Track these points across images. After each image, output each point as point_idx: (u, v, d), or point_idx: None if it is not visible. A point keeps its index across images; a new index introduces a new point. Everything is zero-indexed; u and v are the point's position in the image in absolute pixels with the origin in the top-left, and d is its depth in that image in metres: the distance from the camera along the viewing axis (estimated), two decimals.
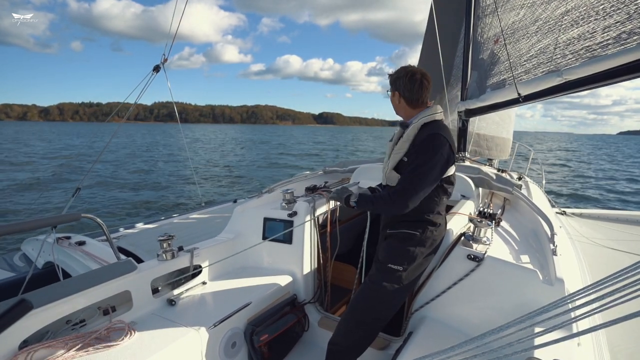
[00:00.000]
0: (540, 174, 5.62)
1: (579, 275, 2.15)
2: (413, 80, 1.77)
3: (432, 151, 1.65)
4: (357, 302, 1.80)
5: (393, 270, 1.75)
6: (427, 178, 1.64)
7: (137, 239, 2.99)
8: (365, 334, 1.79)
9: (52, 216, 1.99)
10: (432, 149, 1.66)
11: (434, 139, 1.67)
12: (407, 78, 1.78)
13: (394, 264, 1.76)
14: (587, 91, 2.53)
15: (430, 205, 1.78)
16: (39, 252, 2.40)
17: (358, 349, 1.81)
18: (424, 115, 1.76)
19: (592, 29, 2.31)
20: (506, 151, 5.76)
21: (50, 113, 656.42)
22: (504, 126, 5.66)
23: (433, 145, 1.66)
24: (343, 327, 1.81)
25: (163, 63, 3.24)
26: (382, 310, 1.77)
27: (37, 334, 1.50)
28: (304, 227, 2.28)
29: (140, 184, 14.12)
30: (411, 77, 1.77)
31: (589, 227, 3.64)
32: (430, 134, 1.69)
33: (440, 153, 1.66)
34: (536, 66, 2.92)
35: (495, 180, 3.01)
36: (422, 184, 1.64)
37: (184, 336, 1.66)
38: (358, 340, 1.79)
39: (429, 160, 1.64)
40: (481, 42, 3.97)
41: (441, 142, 1.67)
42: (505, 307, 1.69)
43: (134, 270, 1.83)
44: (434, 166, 1.65)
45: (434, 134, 1.69)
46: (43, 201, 10.52)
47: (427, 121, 1.75)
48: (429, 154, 1.65)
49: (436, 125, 1.74)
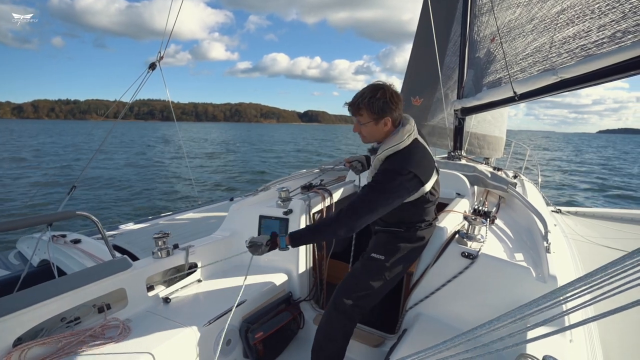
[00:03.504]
0: (536, 172, 5.64)
1: (572, 272, 2.16)
2: (398, 97, 1.65)
3: (386, 182, 1.60)
4: (338, 290, 1.82)
5: (374, 259, 1.79)
6: (371, 209, 1.59)
7: (132, 236, 2.99)
8: (344, 322, 1.79)
9: (47, 214, 1.99)
10: (387, 180, 1.60)
11: (391, 172, 1.61)
12: (393, 98, 1.63)
13: (376, 253, 1.79)
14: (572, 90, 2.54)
15: (412, 215, 1.80)
16: (34, 250, 2.40)
17: (339, 338, 1.80)
18: (389, 146, 1.65)
19: (587, 27, 2.32)
20: (498, 150, 5.77)
21: (24, 110, 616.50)
22: (496, 125, 5.69)
23: (389, 177, 1.60)
24: (325, 316, 1.83)
25: (159, 60, 3.23)
26: (360, 298, 1.77)
27: (31, 331, 1.49)
28: (300, 225, 2.28)
29: (135, 182, 14.06)
30: (396, 94, 1.65)
31: (584, 225, 3.67)
32: (386, 170, 1.63)
33: (393, 185, 1.59)
34: (532, 65, 2.93)
35: (491, 178, 3.02)
36: (365, 213, 1.58)
37: (179, 334, 1.66)
38: (337, 328, 1.79)
39: (382, 191, 1.59)
40: (477, 40, 3.98)
41: (395, 174, 1.59)
42: (498, 304, 1.70)
43: (129, 267, 1.83)
44: (384, 195, 1.59)
45: (390, 169, 1.61)
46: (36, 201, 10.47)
47: (389, 154, 1.66)
48: (380, 185, 1.60)
49: (398, 157, 1.64)
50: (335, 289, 1.84)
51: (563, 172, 20.98)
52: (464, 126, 4.44)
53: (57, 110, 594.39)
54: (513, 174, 3.89)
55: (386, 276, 1.79)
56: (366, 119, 1.65)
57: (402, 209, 1.72)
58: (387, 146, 1.66)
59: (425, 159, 1.69)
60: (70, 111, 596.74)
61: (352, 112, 1.68)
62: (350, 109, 1.68)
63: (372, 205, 1.59)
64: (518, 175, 3.94)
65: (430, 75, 4.56)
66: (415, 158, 1.64)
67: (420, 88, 5.28)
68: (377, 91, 1.62)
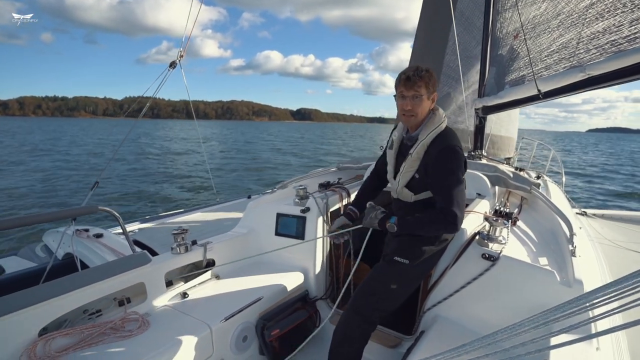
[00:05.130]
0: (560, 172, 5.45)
1: (599, 277, 2.07)
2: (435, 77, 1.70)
3: (457, 164, 1.63)
4: (358, 292, 1.79)
5: (398, 263, 1.75)
6: (463, 192, 1.64)
7: (152, 232, 3.05)
8: (363, 325, 1.76)
9: (71, 209, 2.04)
10: (457, 161, 1.63)
11: (455, 151, 1.63)
12: (434, 76, 1.68)
13: (399, 257, 1.75)
14: None
15: None
16: (58, 244, 2.47)
17: (358, 340, 1.78)
18: (431, 129, 1.68)
19: (619, 22, 2.22)
20: (505, 150, 5.66)
21: (9, 107, 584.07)
22: (502, 124, 5.58)
23: (455, 157, 1.63)
24: (344, 317, 1.80)
25: (179, 59, 3.27)
26: (381, 301, 1.74)
27: (55, 322, 1.54)
28: (317, 224, 2.27)
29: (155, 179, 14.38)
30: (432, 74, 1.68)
31: (611, 229, 3.52)
32: (447, 147, 1.64)
33: (462, 166, 1.65)
34: (557, 62, 2.83)
35: (513, 178, 2.93)
36: (463, 199, 1.64)
37: (196, 329, 1.68)
38: (356, 330, 1.76)
39: (459, 174, 1.63)
40: (500, 37, 3.87)
41: (460, 155, 1.65)
42: (520, 308, 1.65)
43: (149, 262, 1.86)
44: (461, 180, 1.64)
45: (452, 148, 1.64)
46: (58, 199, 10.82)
47: (435, 135, 1.67)
48: (453, 168, 1.63)
49: (447, 136, 1.67)
50: (354, 291, 1.81)
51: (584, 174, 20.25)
52: (485, 125, 4.33)
53: (44, 107, 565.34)
54: (536, 175, 3.78)
55: (409, 280, 1.76)
56: (423, 92, 1.64)
57: (431, 205, 1.71)
58: (430, 129, 1.68)
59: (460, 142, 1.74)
60: (57, 108, 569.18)
61: (410, 85, 1.64)
62: (407, 82, 1.64)
63: (463, 190, 1.64)
64: (541, 176, 3.82)
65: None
66: (457, 137, 1.71)
67: None
68: (423, 67, 1.66)
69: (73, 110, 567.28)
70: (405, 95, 1.66)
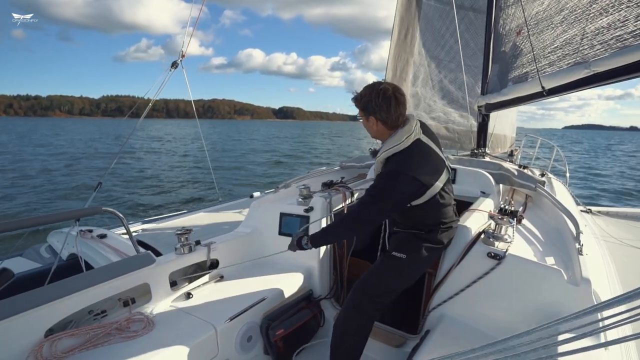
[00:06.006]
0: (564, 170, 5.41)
1: (605, 276, 2.06)
2: (387, 99, 1.62)
3: (385, 185, 1.61)
4: (356, 287, 1.81)
5: (395, 258, 1.77)
6: (374, 198, 1.63)
7: (155, 232, 3.05)
8: (362, 318, 1.77)
9: (76, 210, 2.05)
10: (386, 184, 1.61)
11: (387, 176, 1.63)
12: (379, 99, 1.62)
13: (397, 252, 1.77)
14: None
15: (428, 217, 1.77)
16: (63, 244, 2.48)
17: (357, 334, 1.78)
18: (386, 149, 1.66)
19: (624, 17, 2.19)
20: (499, 145, 5.66)
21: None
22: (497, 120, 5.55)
23: (387, 181, 1.61)
24: (342, 312, 1.82)
25: (181, 59, 3.27)
26: (378, 295, 1.76)
27: (61, 322, 1.54)
28: (321, 223, 2.27)
29: (157, 180, 14.40)
30: (383, 96, 1.62)
31: (617, 227, 3.50)
32: (386, 171, 1.65)
33: (393, 188, 1.59)
34: (561, 58, 2.80)
35: (517, 176, 2.92)
36: (372, 203, 1.64)
37: (200, 329, 1.68)
38: (354, 324, 1.77)
39: (380, 193, 1.62)
40: (503, 34, 3.85)
41: (394, 178, 1.59)
42: (527, 307, 1.64)
43: (153, 263, 1.86)
44: (384, 198, 1.61)
45: (387, 172, 1.64)
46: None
47: (389, 155, 1.66)
48: (379, 188, 1.63)
49: (397, 160, 1.63)
50: (353, 286, 1.82)
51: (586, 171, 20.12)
52: (488, 123, 4.31)
53: (15, 106, 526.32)
54: (540, 172, 3.76)
55: (405, 275, 1.78)
56: (361, 114, 1.74)
57: (415, 213, 1.72)
58: (386, 148, 1.68)
59: (428, 159, 1.66)
60: (30, 107, 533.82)
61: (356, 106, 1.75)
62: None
63: (372, 210, 1.64)
64: (545, 174, 3.79)
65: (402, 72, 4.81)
66: (414, 159, 1.62)
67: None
68: (367, 89, 1.68)
69: (47, 110, 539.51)
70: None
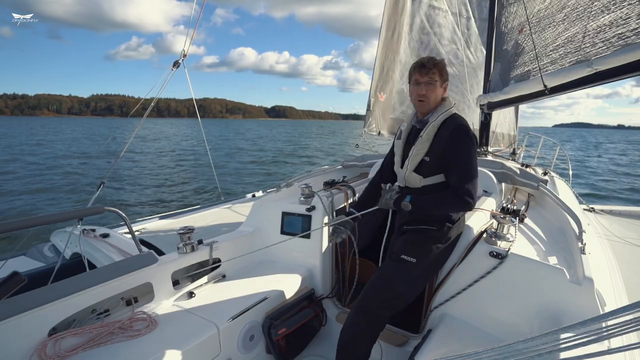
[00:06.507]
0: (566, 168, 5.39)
1: (608, 275, 2.06)
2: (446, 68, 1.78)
3: (470, 142, 1.68)
4: (366, 291, 1.79)
5: (404, 261, 1.75)
6: (476, 170, 1.68)
7: (158, 231, 3.06)
8: (371, 324, 1.75)
9: (78, 209, 2.05)
10: (470, 140, 1.69)
11: (467, 131, 1.69)
12: (446, 66, 1.77)
13: (406, 255, 1.75)
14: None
15: None
16: (66, 244, 2.49)
17: (366, 340, 1.77)
18: (442, 112, 1.75)
19: (626, 14, 2.18)
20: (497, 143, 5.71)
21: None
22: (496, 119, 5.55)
23: (468, 136, 1.69)
24: (351, 316, 1.80)
25: (182, 59, 3.28)
26: (390, 300, 1.74)
27: (65, 321, 1.55)
28: (322, 222, 2.27)
29: (159, 179, 14.42)
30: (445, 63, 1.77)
31: (620, 225, 3.49)
32: (459, 126, 1.70)
33: (475, 143, 1.70)
34: (563, 56, 2.79)
35: (520, 175, 2.91)
36: (476, 177, 1.67)
37: (203, 328, 1.68)
38: (365, 329, 1.76)
39: (472, 152, 1.68)
40: (505, 32, 3.84)
41: (472, 135, 1.70)
42: (529, 306, 1.63)
43: (155, 262, 1.87)
44: (475, 157, 1.68)
45: (463, 126, 1.70)
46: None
47: (445, 117, 1.74)
48: (467, 146, 1.68)
49: (457, 118, 1.74)
50: (362, 290, 1.81)
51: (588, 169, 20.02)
52: (490, 121, 4.30)
53: (1, 105, 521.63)
54: (543, 171, 3.75)
55: (417, 279, 1.76)
56: (436, 78, 1.73)
57: (439, 190, 1.75)
58: (440, 112, 1.75)
59: None
60: (17, 106, 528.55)
61: (425, 71, 1.73)
62: (422, 69, 1.73)
63: (476, 169, 1.68)
64: (548, 172, 3.78)
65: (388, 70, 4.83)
66: (467, 121, 1.76)
67: (383, 84, 5.18)
68: (433, 58, 1.76)
69: (35, 109, 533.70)
70: (420, 82, 1.74)
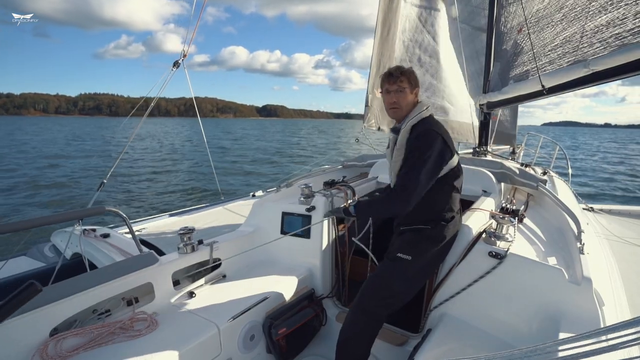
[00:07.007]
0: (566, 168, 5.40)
1: (607, 274, 2.07)
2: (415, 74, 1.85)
3: (424, 146, 1.68)
4: (363, 290, 1.80)
5: (400, 259, 1.77)
6: (422, 173, 1.66)
7: (158, 232, 3.07)
8: (369, 323, 1.77)
9: (79, 210, 2.06)
10: (424, 144, 1.68)
11: (425, 135, 1.71)
12: (414, 73, 1.83)
13: (402, 254, 1.77)
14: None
15: (439, 202, 1.79)
16: (66, 244, 2.50)
17: (365, 339, 1.78)
18: (411, 118, 1.79)
19: (623, 15, 2.19)
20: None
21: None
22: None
23: (425, 140, 1.69)
24: (349, 316, 1.82)
25: (182, 59, 3.29)
26: (387, 298, 1.76)
27: (66, 322, 1.56)
28: (322, 222, 2.28)
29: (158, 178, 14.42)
30: (413, 71, 1.84)
31: (619, 225, 3.50)
32: (420, 131, 1.72)
33: (432, 147, 1.67)
34: (561, 56, 2.80)
35: (519, 175, 2.92)
36: (419, 179, 1.65)
37: (203, 328, 1.69)
38: (363, 328, 1.77)
39: (422, 155, 1.67)
40: (504, 32, 3.85)
41: (432, 136, 1.70)
42: (528, 306, 1.64)
43: (156, 262, 1.88)
44: (427, 160, 1.66)
45: (424, 131, 1.72)
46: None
47: (414, 123, 1.76)
48: (421, 150, 1.68)
49: (425, 123, 1.76)
50: (360, 290, 1.82)
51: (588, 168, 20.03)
52: (490, 121, 4.31)
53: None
54: (542, 171, 3.76)
55: (413, 277, 1.77)
56: (405, 85, 1.79)
57: (431, 195, 1.74)
58: (412, 117, 1.79)
59: (445, 129, 1.79)
60: (2, 106, 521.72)
61: (393, 80, 1.79)
62: (391, 78, 1.80)
63: (416, 175, 1.67)
64: (547, 172, 3.79)
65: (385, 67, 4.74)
66: (439, 124, 1.79)
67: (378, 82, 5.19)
68: (404, 67, 1.83)
69: (21, 108, 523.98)
70: (390, 90, 1.80)
